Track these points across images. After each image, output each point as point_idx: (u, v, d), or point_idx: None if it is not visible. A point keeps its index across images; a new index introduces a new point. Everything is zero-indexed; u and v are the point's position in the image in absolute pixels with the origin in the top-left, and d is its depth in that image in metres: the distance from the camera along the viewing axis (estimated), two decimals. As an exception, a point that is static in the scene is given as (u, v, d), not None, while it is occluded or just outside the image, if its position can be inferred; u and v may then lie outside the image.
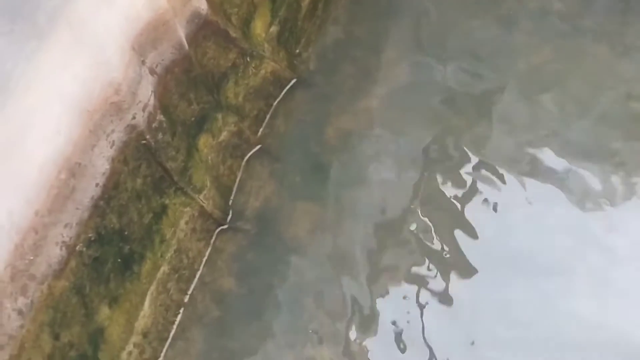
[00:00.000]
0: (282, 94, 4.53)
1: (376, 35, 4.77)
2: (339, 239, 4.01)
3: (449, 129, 4.33)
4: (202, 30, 3.90)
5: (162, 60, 3.64)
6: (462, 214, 4.03)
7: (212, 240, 4.00)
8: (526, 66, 4.55)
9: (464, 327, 3.70)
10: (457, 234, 3.97)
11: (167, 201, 3.71)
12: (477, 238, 3.95)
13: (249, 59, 4.27)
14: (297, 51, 4.70)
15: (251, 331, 3.77)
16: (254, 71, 4.33)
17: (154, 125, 3.56)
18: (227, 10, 4.09)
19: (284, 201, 4.15)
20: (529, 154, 4.21)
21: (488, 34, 4.71)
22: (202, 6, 3.86)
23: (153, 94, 3.54)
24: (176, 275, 3.78)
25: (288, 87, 4.55)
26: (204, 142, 3.98)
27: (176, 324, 3.76)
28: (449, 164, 4.21)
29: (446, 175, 4.17)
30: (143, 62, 3.50)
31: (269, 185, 4.21)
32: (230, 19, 4.12)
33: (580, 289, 3.74)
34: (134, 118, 3.41)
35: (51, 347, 3.05)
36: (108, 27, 3.28)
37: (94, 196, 3.25)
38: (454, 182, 4.14)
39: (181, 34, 3.72)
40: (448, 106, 4.44)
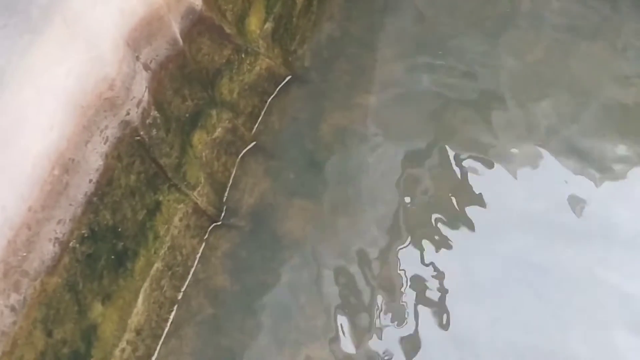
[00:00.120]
0: (277, 90, 4.53)
1: (371, 33, 4.78)
2: (334, 237, 4.00)
3: (443, 126, 4.35)
4: (197, 26, 3.88)
5: (157, 56, 3.62)
6: (458, 210, 4.03)
7: (205, 237, 3.98)
8: (521, 64, 4.58)
9: (463, 325, 3.70)
10: (454, 231, 3.97)
11: (161, 198, 3.70)
12: (474, 235, 3.95)
13: (243, 56, 4.27)
14: (292, 48, 4.69)
15: (245, 328, 3.75)
16: (248, 68, 4.32)
17: (148, 122, 3.54)
18: (222, 6, 4.08)
19: (278, 198, 4.15)
20: (524, 152, 4.21)
21: (483, 32, 4.73)
22: (197, 2, 3.84)
23: (147, 89, 3.52)
24: (170, 272, 3.76)
25: (283, 83, 4.55)
26: (198, 138, 3.97)
27: (170, 321, 3.74)
28: (443, 160, 4.21)
29: (441, 172, 4.17)
30: (137, 58, 3.48)
31: (264, 182, 4.20)
32: (225, 15, 4.10)
33: (578, 287, 3.76)
34: (128, 114, 3.39)
35: (44, 344, 3.03)
36: (102, 22, 3.25)
37: (87, 192, 3.22)
38: (449, 178, 4.14)
39: (176, 29, 3.70)
40: (442, 103, 4.45)
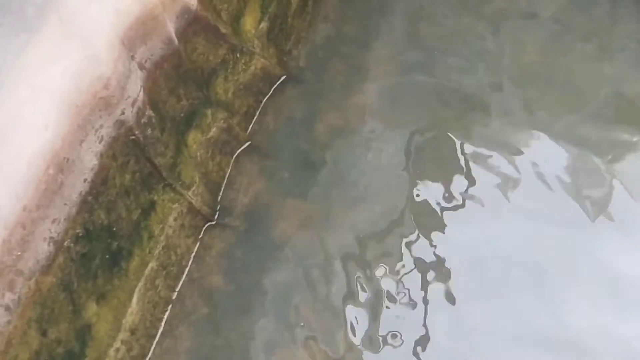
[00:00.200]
0: (272, 90, 4.51)
1: (366, 32, 4.77)
2: (329, 237, 4.00)
3: (439, 126, 4.34)
4: (192, 25, 3.87)
5: (152, 55, 3.62)
6: (453, 209, 4.03)
7: (200, 237, 3.98)
8: (515, 64, 4.57)
9: (460, 323, 3.70)
10: (449, 230, 3.98)
11: (155, 197, 3.69)
12: (469, 232, 3.96)
13: (238, 55, 4.26)
14: (287, 48, 4.68)
15: (239, 328, 3.75)
16: (243, 67, 4.31)
17: (143, 121, 3.53)
18: (217, 6, 4.07)
19: (273, 198, 4.14)
20: (518, 151, 4.22)
21: (478, 32, 4.73)
22: (192, 1, 3.83)
23: (142, 89, 3.52)
24: (164, 272, 3.76)
25: (278, 83, 4.54)
26: (193, 138, 3.96)
27: (164, 321, 3.74)
28: (439, 160, 4.21)
29: (436, 172, 4.17)
30: (132, 57, 3.48)
31: (258, 182, 4.20)
32: (220, 14, 4.09)
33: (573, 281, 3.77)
34: (122, 113, 3.39)
35: (38, 344, 3.03)
36: (98, 21, 3.25)
37: (82, 192, 3.22)
38: (445, 178, 4.14)
39: (171, 29, 3.69)
40: (438, 103, 4.44)
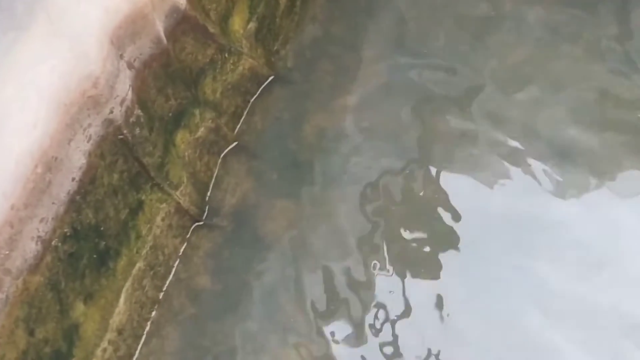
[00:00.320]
0: (260, 90, 4.51)
1: (354, 33, 4.77)
2: (316, 237, 4.00)
3: (426, 127, 4.35)
4: (181, 25, 3.86)
5: (141, 54, 3.60)
6: (441, 210, 4.04)
7: (188, 237, 3.97)
8: (502, 66, 4.59)
9: (449, 323, 3.71)
10: (436, 230, 3.99)
11: (143, 197, 3.68)
12: (457, 234, 3.96)
13: (227, 55, 4.25)
14: (275, 48, 4.68)
15: (226, 329, 3.75)
16: (231, 67, 4.31)
17: (131, 120, 3.52)
18: (206, 5, 4.06)
19: (260, 198, 4.14)
20: (505, 152, 4.23)
21: (465, 33, 4.74)
22: (181, 1, 3.82)
23: (131, 88, 3.50)
24: (151, 272, 3.74)
25: (265, 84, 4.54)
26: (181, 137, 3.95)
27: (151, 321, 3.73)
28: (426, 161, 4.22)
29: (424, 171, 4.18)
30: (121, 56, 3.46)
31: (246, 182, 4.19)
32: (209, 14, 4.09)
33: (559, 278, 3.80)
34: (111, 112, 3.37)
35: (26, 343, 3.01)
36: (87, 19, 3.23)
37: (70, 191, 3.20)
38: (432, 179, 4.15)
39: (160, 28, 3.68)
40: (425, 104, 4.45)
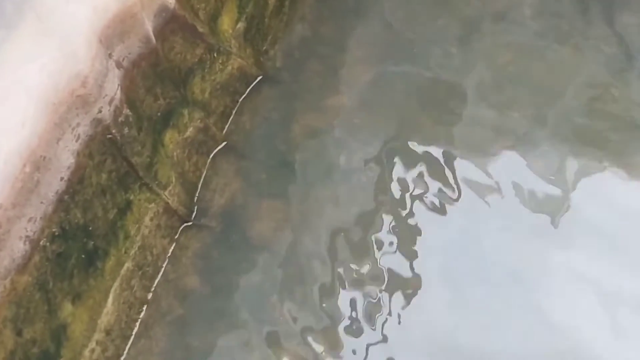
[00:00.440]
0: (248, 90, 4.50)
1: (343, 34, 4.77)
2: (305, 237, 3.99)
3: (414, 127, 4.36)
4: (170, 24, 3.86)
5: (129, 53, 3.59)
6: (428, 211, 4.05)
7: (176, 237, 3.95)
8: (490, 66, 4.60)
9: (433, 324, 3.72)
10: (424, 232, 3.98)
11: (132, 197, 3.66)
12: (444, 235, 3.97)
13: (215, 55, 4.24)
14: (264, 48, 4.68)
15: (215, 330, 3.73)
16: (220, 67, 4.30)
17: (120, 120, 3.50)
18: (195, 5, 4.06)
19: (249, 199, 4.13)
20: (493, 152, 4.25)
21: (453, 34, 4.76)
22: (170, 0, 3.82)
23: (119, 87, 3.49)
24: (140, 272, 3.73)
25: (254, 83, 4.53)
26: (170, 137, 3.94)
27: (139, 321, 3.71)
28: (414, 161, 4.22)
29: (412, 173, 4.18)
30: (110, 55, 3.45)
31: (235, 183, 4.18)
32: (198, 14, 4.08)
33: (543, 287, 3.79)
34: (100, 112, 3.36)
35: (14, 343, 2.99)
36: (75, 18, 3.22)
37: (58, 190, 3.19)
38: (420, 180, 4.15)
39: (148, 27, 3.67)
40: (414, 104, 4.46)
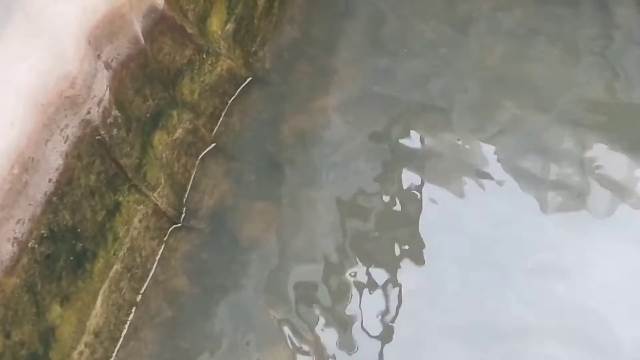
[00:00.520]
0: (238, 92, 4.50)
1: (332, 35, 4.78)
2: (295, 239, 3.98)
3: (405, 128, 4.36)
4: (159, 25, 3.86)
5: (118, 54, 3.59)
6: (420, 210, 4.05)
7: (165, 239, 3.94)
8: (480, 67, 4.62)
9: (421, 326, 3.71)
10: (416, 231, 3.98)
11: (120, 198, 3.65)
12: (436, 232, 3.97)
13: (204, 56, 4.24)
14: (253, 49, 4.68)
15: (204, 332, 3.71)
16: (209, 68, 4.30)
17: (108, 121, 3.49)
18: (184, 6, 4.06)
19: (238, 200, 4.12)
20: (482, 156, 4.25)
21: (443, 35, 4.78)
22: (159, 1, 3.81)
23: (108, 88, 3.48)
24: (129, 274, 3.71)
25: (244, 85, 4.53)
26: (159, 139, 3.93)
27: (128, 323, 3.69)
28: (405, 162, 4.23)
29: (402, 174, 4.18)
30: (99, 56, 3.44)
31: (224, 184, 4.17)
32: (187, 15, 4.08)
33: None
34: (88, 113, 3.35)
35: (2, 346, 2.97)
36: (64, 18, 3.21)
37: (47, 192, 3.17)
38: (410, 180, 4.16)
39: (137, 28, 3.67)
40: (404, 106, 4.46)
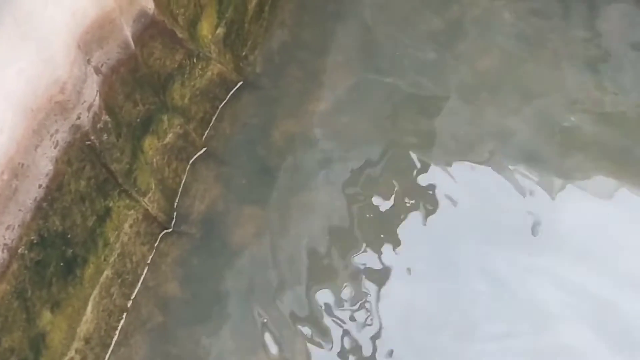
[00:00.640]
0: (228, 96, 4.49)
1: (323, 39, 4.78)
2: (285, 243, 3.98)
3: (394, 132, 4.37)
4: (149, 30, 3.85)
5: (108, 59, 3.57)
6: (409, 217, 4.04)
7: (156, 244, 3.93)
8: (470, 71, 4.62)
9: (411, 330, 3.71)
10: (405, 237, 3.98)
11: (111, 204, 3.64)
12: (424, 241, 3.98)
13: (195, 61, 4.23)
14: (244, 53, 4.67)
15: (195, 337, 3.71)
16: (200, 73, 4.29)
17: (99, 126, 3.48)
18: (174, 10, 4.04)
19: (229, 205, 4.11)
20: (473, 159, 4.26)
21: (433, 39, 4.77)
22: (149, 5, 3.80)
23: (98, 93, 3.47)
24: (119, 280, 3.70)
25: (234, 89, 4.52)
26: (149, 143, 3.92)
27: (119, 329, 3.68)
28: (394, 166, 4.23)
29: (392, 179, 4.18)
30: (88, 61, 3.43)
31: (215, 189, 4.16)
32: (177, 19, 4.07)
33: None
34: (78, 118, 3.34)
35: (-8, 353, 2.98)
36: (54, 23, 3.19)
37: (36, 198, 3.16)
38: (400, 185, 4.15)
39: (127, 33, 3.66)
40: (394, 109, 4.47)
